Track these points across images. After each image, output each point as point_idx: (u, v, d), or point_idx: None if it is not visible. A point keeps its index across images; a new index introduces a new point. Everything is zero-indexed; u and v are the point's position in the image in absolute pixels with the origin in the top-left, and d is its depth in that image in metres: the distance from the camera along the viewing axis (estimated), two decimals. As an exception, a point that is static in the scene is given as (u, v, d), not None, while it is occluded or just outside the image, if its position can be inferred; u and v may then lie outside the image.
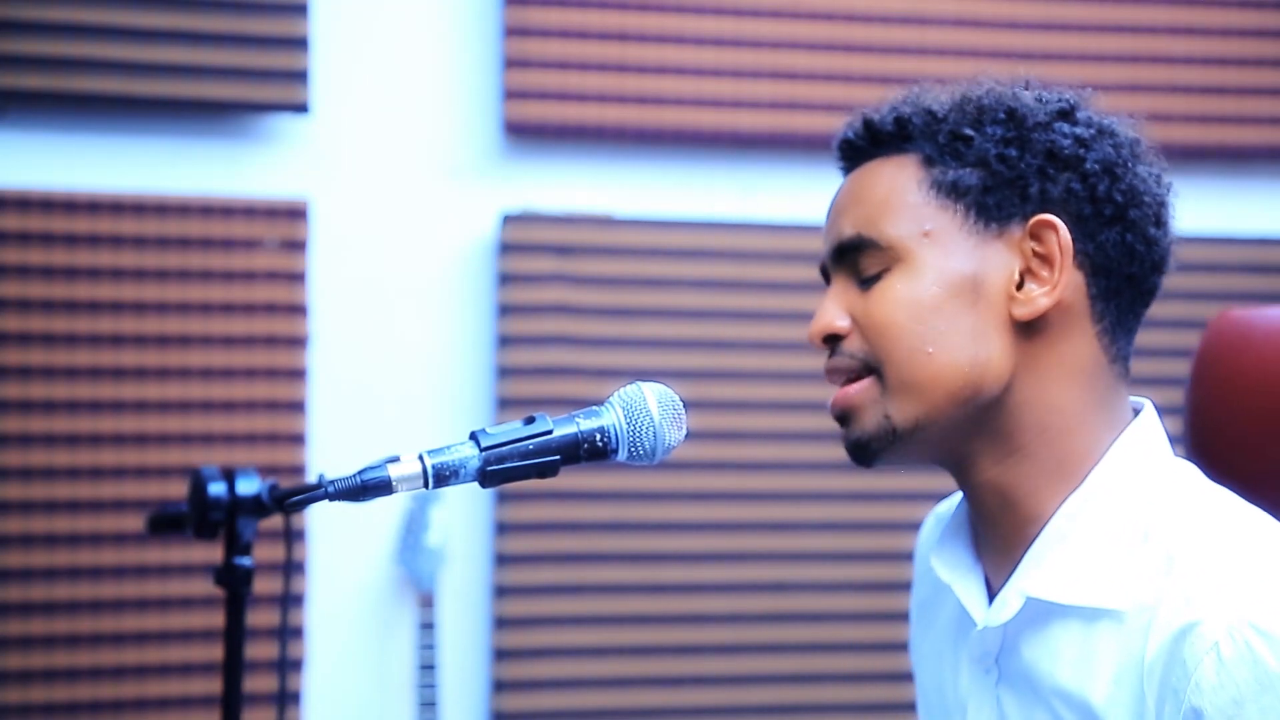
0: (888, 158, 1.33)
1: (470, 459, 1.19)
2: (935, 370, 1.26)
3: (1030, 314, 1.27)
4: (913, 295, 1.27)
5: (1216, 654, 1.12)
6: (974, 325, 1.27)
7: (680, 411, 1.26)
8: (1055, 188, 1.28)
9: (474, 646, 2.90)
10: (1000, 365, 1.27)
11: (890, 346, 1.28)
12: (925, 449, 1.30)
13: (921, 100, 1.34)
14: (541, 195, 2.89)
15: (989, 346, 1.27)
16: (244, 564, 1.58)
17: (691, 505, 2.91)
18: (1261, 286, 3.03)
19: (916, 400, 1.27)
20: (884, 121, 1.34)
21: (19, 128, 2.72)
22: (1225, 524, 1.23)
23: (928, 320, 1.26)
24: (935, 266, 1.27)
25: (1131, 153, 1.32)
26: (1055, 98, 1.34)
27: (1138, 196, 1.31)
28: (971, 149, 1.29)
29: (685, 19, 2.93)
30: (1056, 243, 1.27)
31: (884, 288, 1.28)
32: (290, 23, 2.77)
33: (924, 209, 1.29)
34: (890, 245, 1.28)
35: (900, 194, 1.30)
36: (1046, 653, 1.25)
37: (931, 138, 1.31)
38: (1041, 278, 1.27)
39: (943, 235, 1.28)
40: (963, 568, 1.36)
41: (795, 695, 2.94)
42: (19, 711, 2.66)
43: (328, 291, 2.83)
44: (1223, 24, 3.09)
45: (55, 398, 2.69)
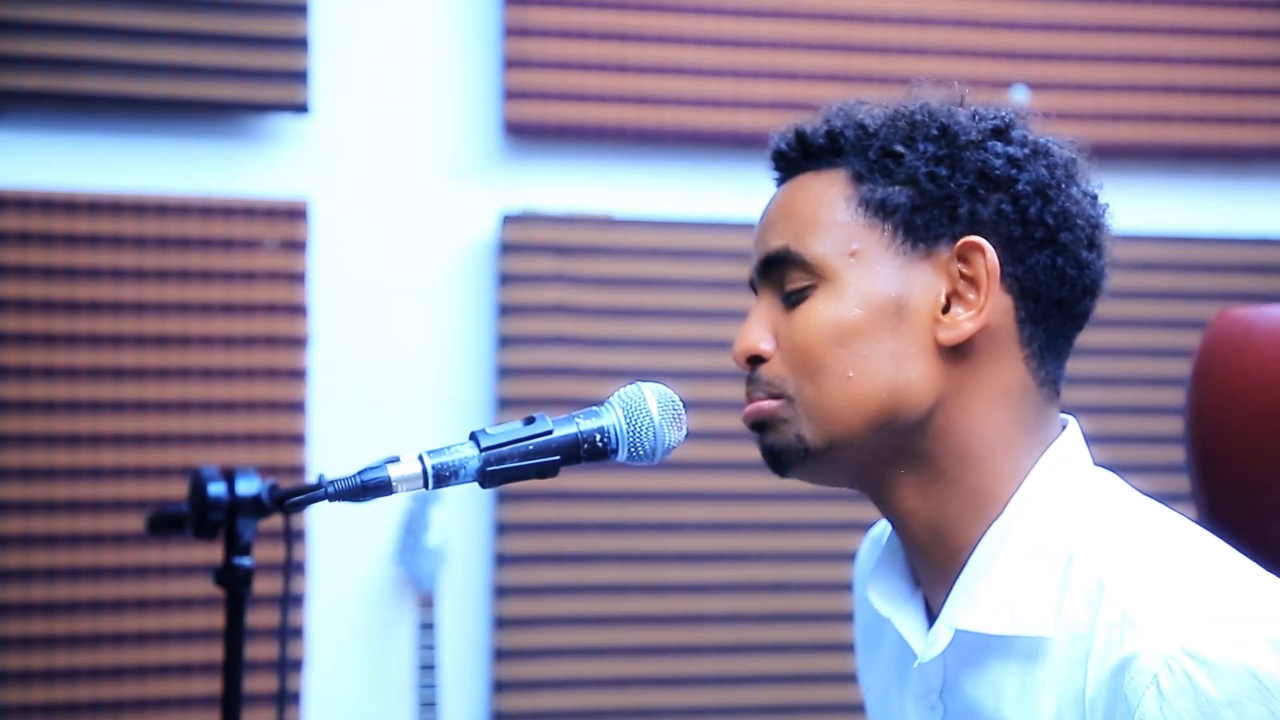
0: (818, 172, 1.30)
1: (470, 459, 1.19)
2: (853, 395, 1.24)
3: (955, 338, 1.24)
4: (835, 317, 1.24)
5: (1156, 687, 1.10)
6: (896, 349, 1.24)
7: (680, 412, 1.26)
8: (985, 209, 1.25)
9: (474, 646, 2.90)
10: (922, 390, 1.24)
11: (810, 371, 1.25)
12: (840, 470, 1.28)
13: (855, 114, 1.31)
14: (541, 195, 2.89)
15: (910, 371, 1.24)
16: (244, 564, 1.58)
17: (691, 505, 2.91)
18: (1261, 286, 3.03)
19: (830, 423, 1.25)
20: (815, 134, 1.31)
21: (19, 128, 2.72)
22: (1152, 542, 1.20)
23: (849, 343, 1.24)
24: (859, 288, 1.24)
25: (1066, 174, 1.29)
26: (991, 115, 1.30)
27: (1070, 219, 1.27)
28: (901, 166, 1.26)
29: (685, 19, 2.93)
30: (983, 265, 1.24)
31: (807, 309, 1.26)
32: (290, 23, 2.77)
33: (851, 227, 1.26)
34: (815, 263, 1.26)
35: (828, 210, 1.27)
36: (989, 689, 1.23)
37: (862, 153, 1.28)
38: (968, 301, 1.24)
39: (869, 255, 1.25)
40: (900, 598, 1.34)
41: (795, 695, 2.94)
42: (19, 711, 2.66)
43: (328, 291, 2.83)
44: (1223, 24, 3.09)
45: (55, 398, 2.69)
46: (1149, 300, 3.03)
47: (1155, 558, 1.18)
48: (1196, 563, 1.18)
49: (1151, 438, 2.95)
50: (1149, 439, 2.95)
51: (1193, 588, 1.15)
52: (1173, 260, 3.05)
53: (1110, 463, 1.33)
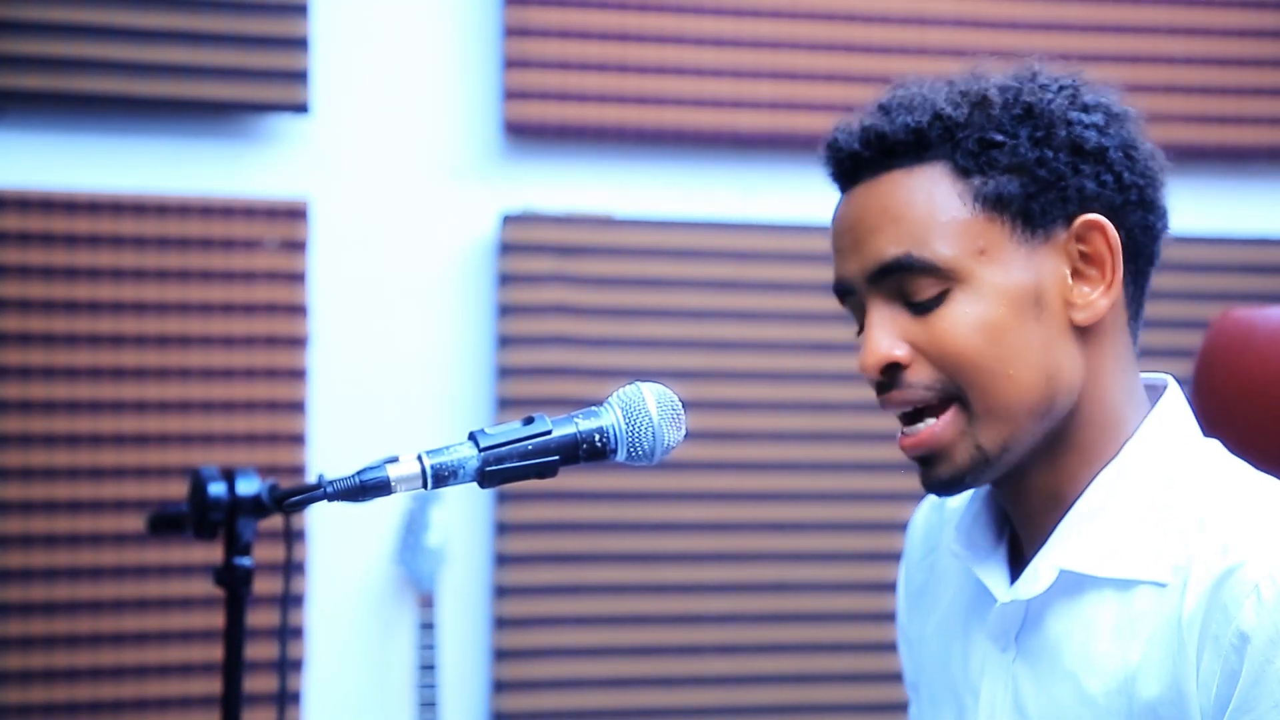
0: (909, 169, 1.26)
1: (469, 459, 1.19)
2: (1018, 392, 1.23)
3: (1091, 318, 1.25)
4: (983, 318, 1.23)
5: (1257, 595, 1.13)
6: (1043, 338, 1.24)
7: (679, 412, 1.26)
8: (1089, 183, 1.25)
9: (474, 646, 2.90)
10: (1071, 373, 1.25)
11: (970, 373, 1.23)
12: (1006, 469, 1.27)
13: (928, 103, 1.28)
14: (541, 195, 2.89)
15: (1058, 357, 1.24)
16: (244, 564, 1.58)
17: (691, 505, 2.91)
18: (1262, 287, 3.03)
19: (1004, 424, 1.24)
20: (897, 131, 1.27)
21: (19, 128, 2.72)
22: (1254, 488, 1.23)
23: (1002, 341, 1.23)
24: (997, 285, 1.23)
25: (1137, 127, 1.30)
26: (1059, 84, 1.29)
27: (1152, 174, 1.29)
28: (1005, 154, 1.25)
29: (685, 19, 2.93)
30: (1105, 242, 1.25)
31: (949, 313, 1.24)
32: (290, 23, 2.77)
33: (973, 225, 1.24)
34: (947, 267, 1.23)
35: (944, 210, 1.24)
36: (1081, 625, 1.24)
37: (957, 145, 1.25)
38: (1091, 279, 1.25)
39: (997, 250, 1.24)
40: (984, 548, 1.35)
41: (795, 695, 2.94)
42: (19, 711, 2.66)
43: (328, 291, 2.83)
44: (1223, 24, 3.09)
45: (55, 398, 2.69)
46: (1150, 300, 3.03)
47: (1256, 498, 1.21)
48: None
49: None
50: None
51: None
52: (1173, 260, 3.00)
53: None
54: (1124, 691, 1.20)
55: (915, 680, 1.49)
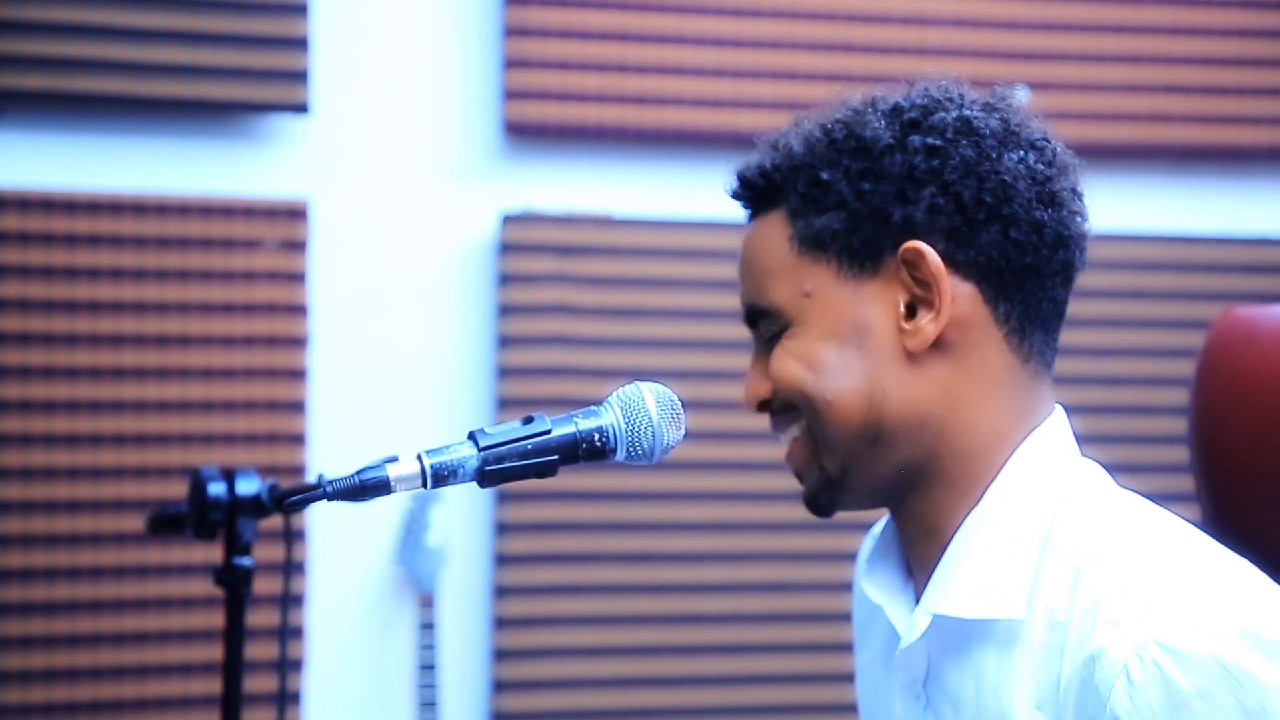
0: (765, 215, 1.31)
1: (469, 459, 1.19)
2: (838, 416, 1.26)
3: (921, 344, 1.24)
4: (801, 352, 1.27)
5: (1126, 677, 1.10)
6: (864, 367, 1.25)
7: (679, 411, 1.26)
8: (918, 209, 1.24)
9: (474, 646, 2.90)
10: (900, 398, 1.25)
11: (797, 399, 1.29)
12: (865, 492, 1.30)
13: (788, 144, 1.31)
14: (541, 195, 2.89)
15: (885, 382, 1.25)
16: (244, 564, 1.58)
17: (691, 505, 2.91)
18: (1262, 287, 3.03)
19: (834, 448, 1.28)
20: (752, 177, 1.32)
21: (19, 128, 2.72)
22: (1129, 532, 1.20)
23: (821, 371, 1.26)
24: (817, 324, 1.27)
25: (997, 143, 1.26)
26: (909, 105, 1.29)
27: (1009, 189, 1.25)
28: (830, 193, 1.26)
29: (685, 19, 2.93)
30: (930, 266, 1.23)
31: (780, 347, 1.29)
32: (290, 23, 2.77)
33: (798, 268, 1.27)
34: (777, 310, 1.29)
35: (776, 257, 1.29)
36: (969, 676, 1.23)
37: (794, 188, 1.28)
38: (930, 303, 1.24)
39: (821, 291, 1.27)
40: (894, 588, 1.35)
41: (795, 695, 2.94)
42: (19, 711, 2.66)
43: (328, 291, 2.83)
44: (1223, 24, 3.09)
45: (55, 398, 2.69)
46: (1151, 300, 3.03)
47: (1130, 546, 1.18)
48: (1171, 552, 1.18)
49: (1155, 438, 2.96)
50: (1152, 439, 2.95)
51: (1166, 577, 1.15)
52: (1175, 260, 3.05)
53: (1113, 463, 1.33)
54: None
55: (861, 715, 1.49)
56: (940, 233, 1.24)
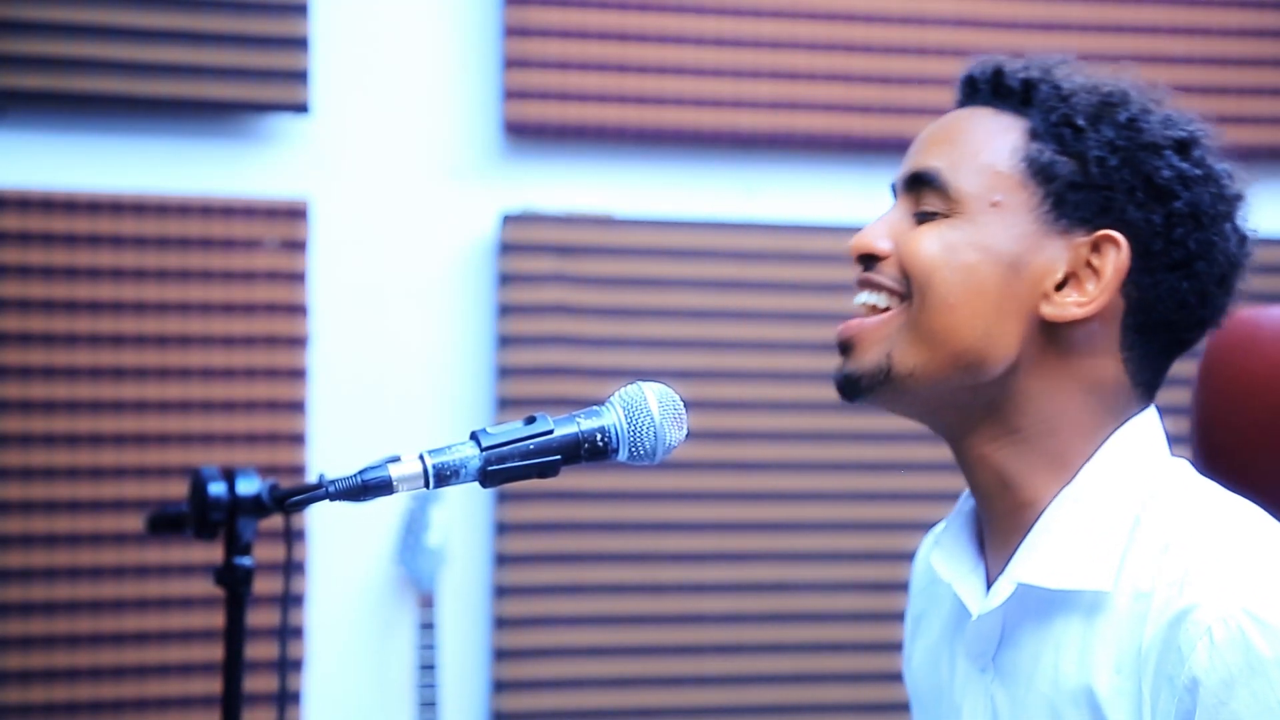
0: (1000, 112, 1.31)
1: (471, 459, 1.19)
2: (950, 324, 1.27)
3: (1055, 317, 1.27)
4: (955, 244, 1.27)
5: (1209, 638, 1.13)
6: (999, 303, 1.26)
7: (681, 411, 1.26)
8: (1138, 212, 1.27)
9: (474, 646, 2.90)
10: (1006, 348, 1.27)
11: (920, 284, 1.28)
12: (914, 402, 1.31)
13: (1056, 72, 1.32)
14: (541, 195, 2.89)
15: (1004, 327, 1.26)
16: (244, 564, 1.58)
17: (691, 505, 2.91)
18: (1262, 287, 3.01)
19: (923, 347, 1.27)
20: (1013, 76, 1.32)
21: (19, 128, 2.72)
22: (1219, 514, 1.24)
23: (961, 275, 1.26)
24: (985, 233, 1.27)
25: (1227, 208, 1.32)
26: (1180, 126, 1.32)
27: (1211, 252, 1.30)
28: (1078, 140, 1.28)
29: (685, 19, 2.93)
30: (1113, 262, 1.26)
31: (933, 228, 1.28)
32: (290, 23, 2.77)
33: (1005, 179, 1.28)
34: (957, 197, 1.28)
35: (992, 154, 1.29)
36: (1049, 646, 1.25)
37: (1047, 113, 1.29)
38: (1083, 289, 1.27)
39: (1010, 211, 1.28)
40: (965, 565, 1.36)
41: (795, 695, 2.94)
42: (19, 711, 2.66)
43: (328, 291, 2.83)
44: (1222, 24, 3.09)
45: (55, 398, 2.69)
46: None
47: (1220, 527, 1.22)
48: (1259, 533, 1.21)
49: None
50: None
51: (1254, 555, 1.18)
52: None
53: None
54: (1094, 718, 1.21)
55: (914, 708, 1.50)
56: (1138, 244, 1.27)
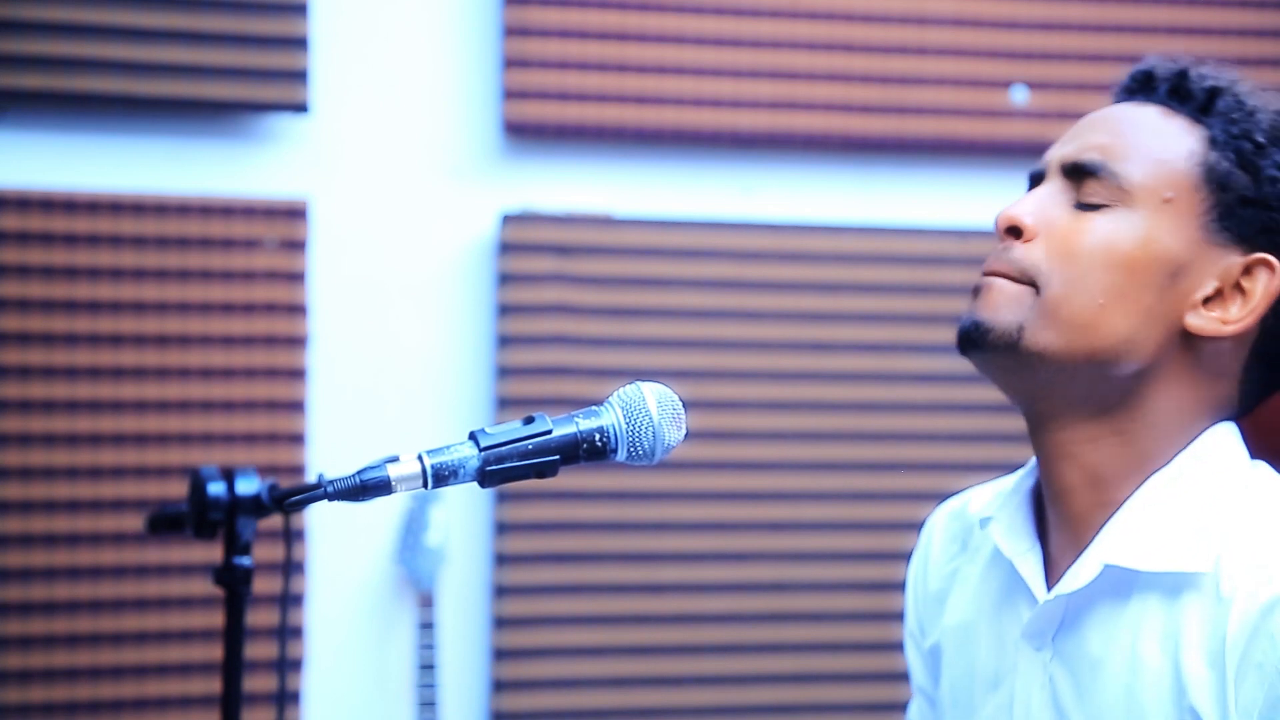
0: (1174, 114, 1.30)
1: (469, 459, 1.19)
2: (1094, 322, 1.25)
3: (1201, 330, 1.26)
4: (1120, 243, 1.26)
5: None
6: (1151, 306, 1.26)
7: (680, 411, 1.26)
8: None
9: (474, 646, 2.90)
10: (1144, 353, 1.26)
11: (1072, 275, 1.26)
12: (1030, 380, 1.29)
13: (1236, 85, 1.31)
14: (541, 195, 2.89)
15: (1151, 330, 1.26)
16: (244, 564, 1.58)
17: (691, 505, 2.91)
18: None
19: (1057, 334, 1.26)
20: (1197, 82, 1.31)
21: (19, 128, 2.72)
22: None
23: (1119, 275, 1.25)
24: (1155, 232, 1.26)
25: None
26: None
27: None
28: (1258, 156, 1.28)
29: (685, 19, 2.93)
30: (1265, 286, 1.26)
31: (1099, 220, 1.27)
32: (290, 23, 2.77)
33: (1181, 178, 1.27)
34: (1128, 188, 1.27)
35: (1170, 153, 1.28)
36: (1126, 629, 1.25)
37: (1228, 124, 1.29)
38: (1227, 308, 1.27)
39: (1180, 211, 1.27)
40: (1023, 543, 1.35)
41: (795, 695, 2.94)
42: (19, 711, 2.66)
43: (328, 291, 2.83)
44: (1222, 24, 3.09)
45: (55, 398, 2.69)
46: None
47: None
48: None
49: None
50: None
51: None
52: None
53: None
54: (1177, 703, 1.21)
55: (924, 684, 1.50)
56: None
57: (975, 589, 1.41)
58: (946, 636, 1.45)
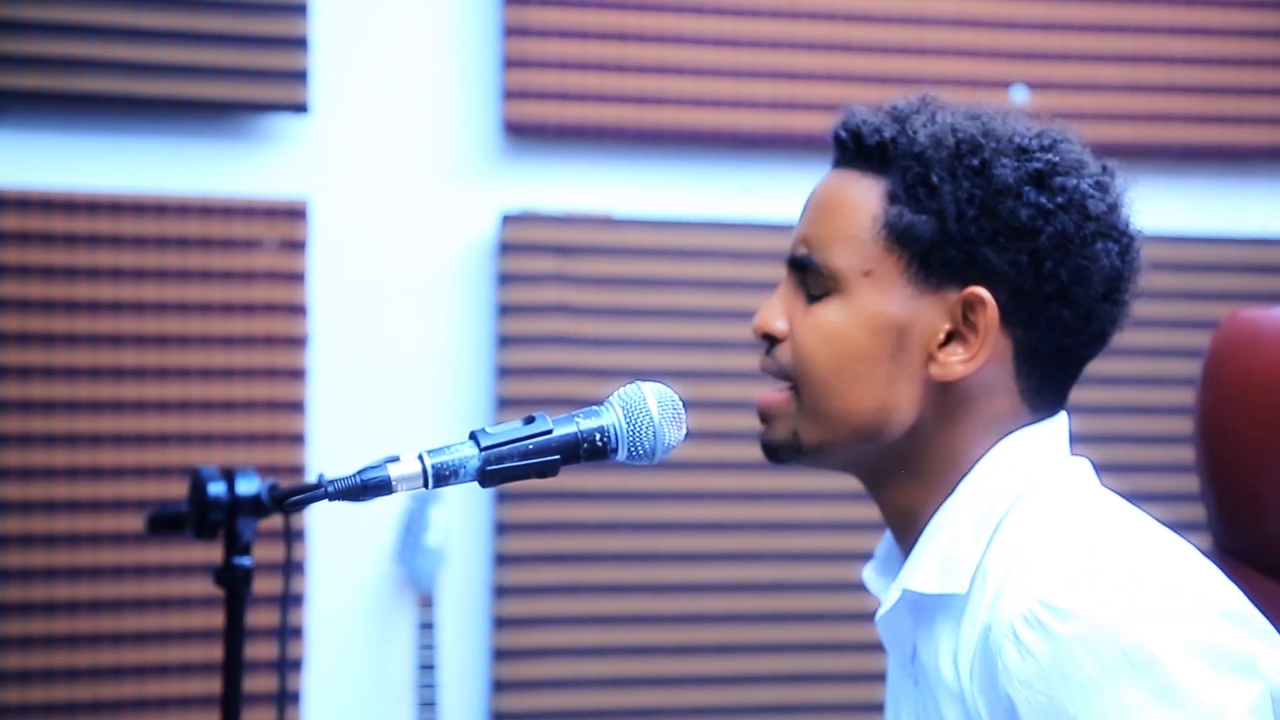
0: (862, 175, 1.32)
1: (470, 459, 1.19)
2: (843, 408, 1.30)
3: (944, 378, 1.28)
4: (839, 332, 1.30)
5: (1014, 636, 1.15)
6: (889, 373, 1.29)
7: (680, 411, 1.26)
8: (1002, 258, 1.26)
9: (474, 646, 2.90)
10: (906, 413, 1.29)
11: (809, 373, 1.31)
12: (831, 465, 1.35)
13: (912, 122, 1.31)
14: (541, 195, 2.89)
15: (899, 395, 1.29)
16: (244, 564, 1.58)
17: (691, 505, 2.91)
18: (1262, 287, 3.03)
19: (822, 428, 1.31)
20: (870, 137, 1.32)
21: (19, 128, 2.72)
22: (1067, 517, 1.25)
23: (847, 361, 1.29)
24: (868, 309, 1.29)
25: (1096, 229, 1.29)
26: (1038, 154, 1.29)
27: (1086, 275, 1.28)
28: (934, 198, 1.27)
29: (685, 19, 2.93)
30: (983, 318, 1.27)
31: (817, 315, 1.31)
32: (290, 23, 2.77)
33: (871, 247, 1.29)
34: (832, 274, 1.31)
35: (855, 224, 1.30)
36: (931, 648, 1.29)
37: (902, 173, 1.29)
38: (967, 342, 1.28)
39: (882, 278, 1.29)
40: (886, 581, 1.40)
41: (795, 695, 2.94)
42: (19, 711, 2.66)
43: (328, 291, 2.83)
44: (1223, 24, 3.09)
45: (55, 398, 2.69)
46: (1155, 300, 3.01)
47: (1059, 528, 1.23)
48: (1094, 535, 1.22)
49: (1160, 438, 2.96)
50: (1158, 439, 2.96)
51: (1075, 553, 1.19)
52: (1179, 260, 3.04)
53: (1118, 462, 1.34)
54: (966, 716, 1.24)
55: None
56: (1008, 287, 1.27)
57: None
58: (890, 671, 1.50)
